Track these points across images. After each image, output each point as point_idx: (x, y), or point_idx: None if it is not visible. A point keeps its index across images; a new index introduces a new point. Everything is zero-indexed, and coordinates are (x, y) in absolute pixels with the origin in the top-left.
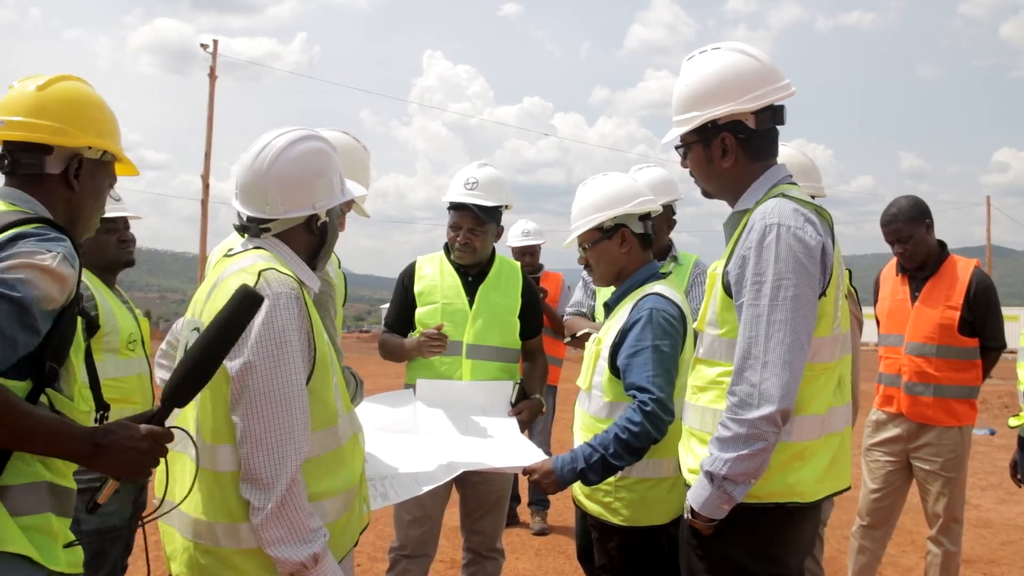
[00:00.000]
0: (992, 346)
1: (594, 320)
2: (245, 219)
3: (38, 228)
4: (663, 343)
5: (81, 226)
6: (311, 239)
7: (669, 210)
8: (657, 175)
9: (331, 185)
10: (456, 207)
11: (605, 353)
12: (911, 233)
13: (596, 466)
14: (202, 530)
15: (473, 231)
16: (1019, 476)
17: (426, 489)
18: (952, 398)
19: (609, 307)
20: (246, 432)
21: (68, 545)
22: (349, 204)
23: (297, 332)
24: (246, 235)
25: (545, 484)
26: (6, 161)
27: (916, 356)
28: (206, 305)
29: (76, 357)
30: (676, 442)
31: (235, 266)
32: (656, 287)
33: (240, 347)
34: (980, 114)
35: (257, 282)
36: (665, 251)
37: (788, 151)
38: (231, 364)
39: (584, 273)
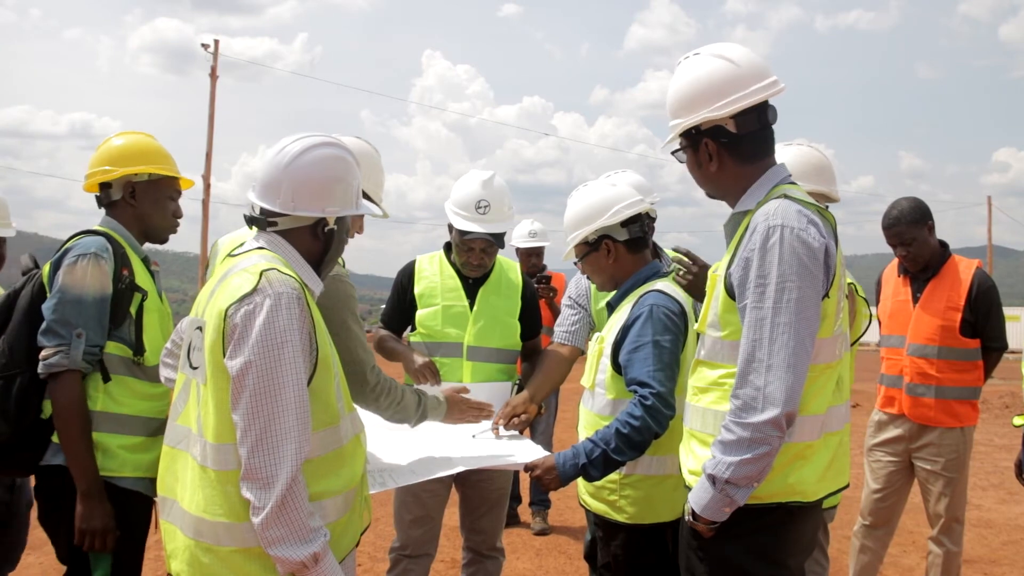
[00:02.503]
0: (994, 347)
1: (592, 329)
2: (258, 211)
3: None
4: (664, 338)
5: (154, 230)
6: (315, 244)
7: None
8: (628, 180)
9: (347, 195)
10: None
11: (608, 351)
12: (913, 236)
13: (597, 461)
14: (203, 528)
15: (486, 251)
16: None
17: (424, 478)
18: (953, 399)
19: (612, 306)
20: (246, 431)
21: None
22: (361, 217)
23: (298, 332)
24: (254, 227)
25: (547, 480)
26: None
27: (918, 357)
28: (208, 304)
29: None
30: (680, 440)
31: (238, 266)
32: (658, 284)
33: (240, 346)
34: (980, 114)
35: (259, 282)
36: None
37: (804, 150)
38: (231, 363)
39: (569, 293)
